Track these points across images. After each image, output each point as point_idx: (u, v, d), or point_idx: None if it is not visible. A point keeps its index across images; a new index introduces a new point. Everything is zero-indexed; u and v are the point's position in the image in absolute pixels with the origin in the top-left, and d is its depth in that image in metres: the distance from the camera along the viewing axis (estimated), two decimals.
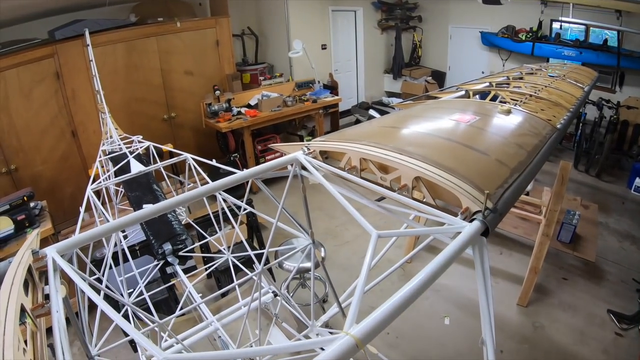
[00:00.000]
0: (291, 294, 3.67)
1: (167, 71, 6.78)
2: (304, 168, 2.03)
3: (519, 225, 4.91)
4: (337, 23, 9.32)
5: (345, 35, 9.71)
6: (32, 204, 4.41)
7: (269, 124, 6.89)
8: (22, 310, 1.09)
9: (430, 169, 1.63)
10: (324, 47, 8.97)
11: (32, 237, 1.55)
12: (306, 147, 2.11)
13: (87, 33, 5.18)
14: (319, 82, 7.75)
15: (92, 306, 1.40)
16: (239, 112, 6.68)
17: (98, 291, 3.32)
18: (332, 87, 8.06)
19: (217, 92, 6.75)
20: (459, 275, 4.46)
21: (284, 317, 3.03)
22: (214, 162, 2.82)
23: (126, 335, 2.45)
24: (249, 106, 6.93)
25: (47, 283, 1.35)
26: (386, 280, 3.02)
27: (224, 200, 2.56)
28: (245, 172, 1.99)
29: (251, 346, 2.66)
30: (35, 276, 1.33)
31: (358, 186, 1.89)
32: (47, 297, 1.26)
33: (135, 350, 3.51)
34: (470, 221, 1.43)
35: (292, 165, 2.06)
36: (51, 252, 1.39)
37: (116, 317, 1.10)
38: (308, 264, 3.35)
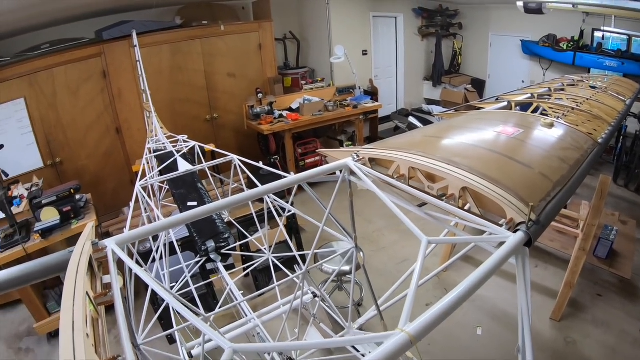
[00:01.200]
0: (328, 296, 3.70)
1: (211, 73, 6.91)
2: (352, 174, 2.07)
3: (555, 238, 4.82)
4: (377, 29, 9.32)
5: (385, 41, 9.69)
6: (77, 197, 4.56)
7: (310, 128, 6.92)
8: (87, 297, 1.13)
9: (478, 180, 1.67)
10: (364, 52, 8.98)
11: (89, 229, 1.60)
12: (356, 154, 2.13)
13: (134, 34, 5.29)
14: (359, 87, 7.75)
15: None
16: (281, 115, 6.73)
17: (144, 283, 3.42)
18: (373, 93, 8.05)
19: (260, 95, 6.82)
20: (494, 286, 4.41)
21: (321, 318, 3.06)
22: (260, 165, 2.87)
23: (168, 328, 2.54)
24: (290, 110, 6.98)
25: (105, 273, 1.40)
26: (421, 288, 3.03)
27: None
28: (297, 176, 2.04)
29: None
30: (94, 266, 1.37)
31: (401, 193, 1.92)
32: (105, 286, 1.30)
33: (171, 342, 3.60)
34: (514, 232, 1.47)
35: (341, 171, 2.11)
36: (111, 244, 1.44)
37: (178, 306, 1.14)
38: (347, 268, 3.38)
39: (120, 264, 1.44)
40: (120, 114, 6.45)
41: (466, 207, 1.74)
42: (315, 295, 2.96)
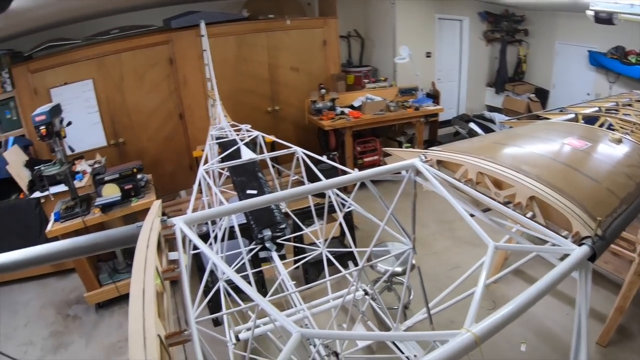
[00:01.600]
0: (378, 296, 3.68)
1: (274, 66, 6.97)
2: (418, 175, 2.07)
3: (609, 260, 4.61)
4: (442, 31, 9.16)
5: (450, 44, 9.51)
6: (139, 176, 4.70)
7: (370, 127, 6.88)
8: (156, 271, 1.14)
9: (546, 190, 1.65)
10: (428, 54, 8.85)
11: (156, 206, 1.62)
12: (423, 154, 2.12)
13: (202, 24, 5.38)
14: (421, 89, 7.65)
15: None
16: (342, 112, 6.71)
17: (202, 264, 3.47)
18: (434, 96, 7.92)
19: (323, 91, 6.81)
20: (542, 302, 4.24)
21: (368, 316, 3.04)
22: (324, 159, 2.87)
23: (215, 310, 2.57)
24: (352, 107, 6.94)
25: (171, 249, 1.41)
26: (470, 298, 2.98)
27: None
28: (361, 173, 2.03)
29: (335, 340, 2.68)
30: (161, 242, 1.39)
31: (463, 197, 1.90)
32: (171, 262, 1.32)
33: (215, 325, 3.67)
34: (579, 245, 1.45)
35: (406, 170, 2.09)
36: (179, 222, 1.46)
37: (244, 286, 1.14)
38: (399, 269, 3.34)
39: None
40: (184, 100, 6.63)
41: (528, 215, 1.72)
42: (366, 293, 2.94)
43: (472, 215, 1.82)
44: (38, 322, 4.80)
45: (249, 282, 2.69)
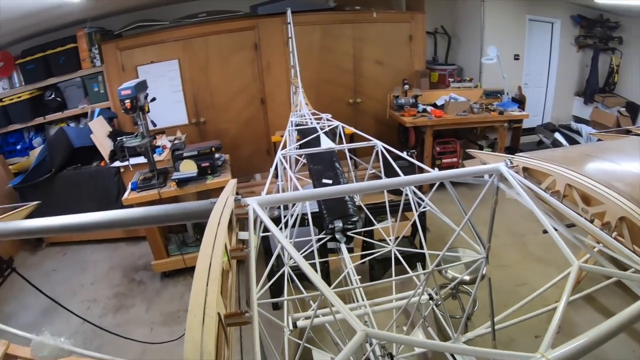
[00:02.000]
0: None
1: (359, 58, 6.90)
2: (502, 180, 1.93)
3: None
4: (532, 33, 8.70)
5: (539, 47, 9.03)
6: (217, 156, 4.84)
7: (451, 128, 6.70)
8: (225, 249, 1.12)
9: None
10: (516, 57, 8.48)
11: (231, 186, 1.60)
12: (510, 159, 1.98)
13: (289, 12, 5.39)
14: (507, 93, 7.36)
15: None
16: (424, 110, 6.56)
17: (269, 246, 3.48)
18: (520, 101, 7.59)
19: (406, 87, 6.68)
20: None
21: (429, 322, 2.94)
22: (404, 155, 2.78)
23: (277, 295, 2.55)
24: (434, 106, 6.77)
25: (241, 229, 1.38)
26: (535, 318, 2.87)
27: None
28: (442, 172, 1.94)
29: None
30: (233, 221, 1.38)
31: (546, 209, 1.76)
32: (241, 241, 1.29)
33: (274, 309, 3.67)
34: None
35: (490, 175, 1.96)
36: (253, 202, 1.44)
37: (310, 273, 1.08)
38: (468, 277, 3.22)
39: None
40: (266, 85, 6.72)
41: (613, 236, 1.55)
42: (431, 298, 2.84)
43: (556, 230, 1.69)
44: (104, 282, 5.10)
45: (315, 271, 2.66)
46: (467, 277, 3.22)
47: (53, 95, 6.50)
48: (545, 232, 1.73)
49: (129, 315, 4.48)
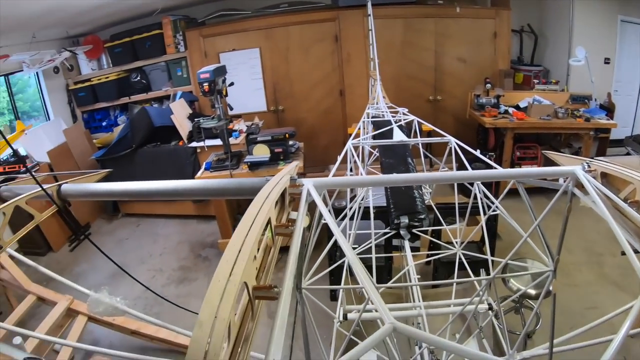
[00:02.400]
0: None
1: (440, 54, 6.73)
2: (577, 186, 1.73)
3: None
4: (624, 36, 8.06)
5: (632, 52, 8.37)
6: (290, 142, 4.92)
7: (534, 132, 6.40)
8: (268, 223, 1.10)
9: None
10: (606, 61, 7.95)
11: (292, 166, 1.59)
12: (587, 163, 1.77)
13: (369, 4, 5.33)
14: (595, 99, 6.96)
15: None
16: (506, 111, 6.27)
17: (328, 235, 3.46)
18: (609, 109, 7.12)
19: (488, 86, 6.44)
20: None
21: (485, 334, 2.80)
22: (477, 153, 2.67)
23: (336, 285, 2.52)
24: (517, 107, 6.47)
25: (294, 209, 1.36)
26: (600, 346, 2.64)
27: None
28: (512, 170, 1.84)
29: None
30: (286, 200, 1.38)
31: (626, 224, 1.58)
32: (290, 221, 1.26)
33: (332, 299, 3.60)
34: None
35: (565, 179, 1.77)
36: (308, 183, 1.42)
37: (355, 265, 1.04)
38: (533, 291, 3.08)
39: (313, 209, 1.41)
40: (346, 77, 6.71)
41: None
42: (490, 308, 2.69)
43: (635, 252, 1.50)
44: (172, 254, 5.35)
45: (370, 266, 2.61)
46: (531, 291, 3.07)
47: (138, 77, 6.89)
48: (623, 253, 1.56)
49: (191, 288, 4.65)
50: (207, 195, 1.55)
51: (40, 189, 1.57)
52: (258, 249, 0.96)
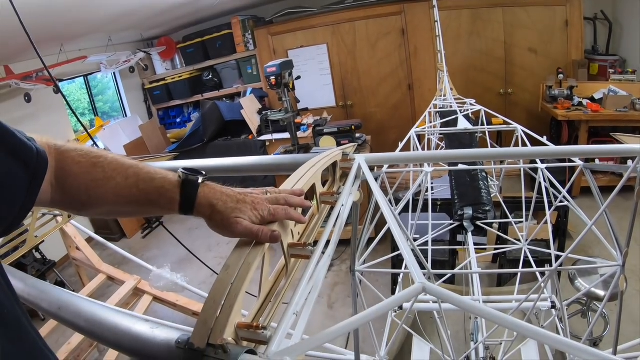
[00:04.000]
0: (567, 317, 3.18)
1: (510, 45, 6.50)
2: None
3: None
4: None
5: None
6: (357, 135, 4.97)
7: (609, 125, 5.98)
8: (314, 192, 1.13)
9: None
10: None
11: (349, 146, 1.59)
12: None
13: None
14: None
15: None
16: (580, 104, 5.98)
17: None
18: None
19: (560, 77, 6.17)
20: None
21: None
22: (544, 140, 2.57)
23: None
24: (592, 99, 6.17)
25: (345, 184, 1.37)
26: None
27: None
28: (571, 147, 1.73)
29: (500, 344, 2.36)
30: (337, 174, 1.37)
31: None
32: (340, 193, 1.27)
33: (395, 283, 3.62)
34: None
35: (632, 160, 1.57)
36: (361, 158, 1.42)
37: (402, 243, 1.04)
38: (601, 292, 2.88)
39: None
40: (414, 71, 6.64)
41: None
42: (553, 306, 2.54)
43: None
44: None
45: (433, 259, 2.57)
46: (599, 292, 2.84)
47: (210, 76, 7.16)
48: None
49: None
50: (264, 170, 1.62)
51: None
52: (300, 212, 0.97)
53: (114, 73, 6.73)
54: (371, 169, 1.46)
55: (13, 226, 0.79)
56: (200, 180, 0.89)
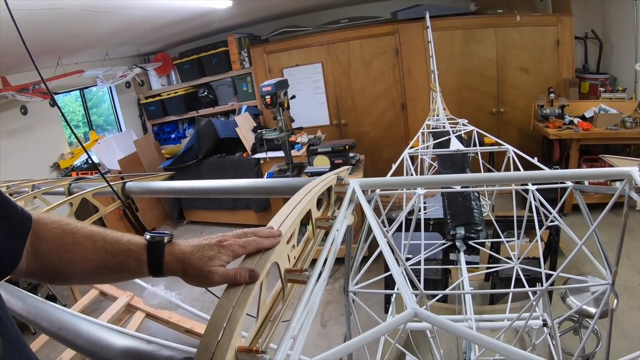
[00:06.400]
0: (559, 334, 3.21)
1: (502, 64, 6.59)
2: (636, 190, 1.65)
3: None
4: None
5: None
6: (351, 154, 5.02)
7: (601, 143, 6.10)
8: (309, 217, 1.14)
9: None
10: None
11: (343, 169, 1.62)
12: None
13: (427, 16, 5.35)
14: None
15: None
16: (571, 122, 6.07)
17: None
18: None
19: (552, 95, 6.25)
20: None
21: (538, 353, 2.66)
22: (535, 161, 2.61)
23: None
24: (583, 118, 6.25)
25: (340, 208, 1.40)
26: None
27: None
28: (562, 171, 1.79)
29: None
30: (331, 198, 1.39)
31: None
32: (334, 218, 1.30)
33: (388, 302, 3.55)
34: None
35: (621, 181, 1.62)
36: (355, 183, 1.44)
37: (393, 266, 1.07)
38: (592, 310, 2.91)
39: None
40: (407, 91, 6.71)
41: None
42: (545, 324, 2.57)
43: None
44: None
45: (425, 278, 2.59)
46: (590, 309, 2.90)
47: (206, 92, 7.23)
48: None
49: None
50: (258, 193, 1.64)
51: (106, 184, 1.70)
52: (296, 238, 1.01)
53: (110, 87, 6.77)
54: (365, 191, 1.49)
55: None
56: (166, 240, 0.92)
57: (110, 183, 1.72)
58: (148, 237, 0.92)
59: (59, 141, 5.99)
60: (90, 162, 5.91)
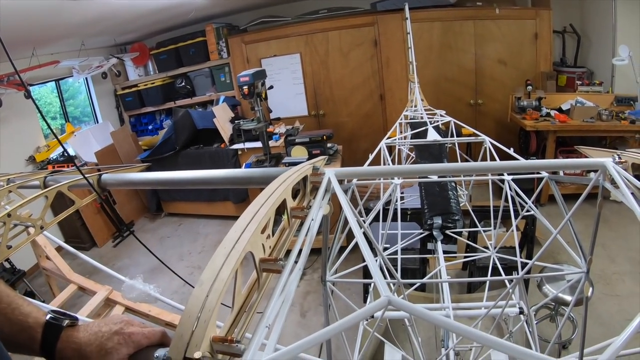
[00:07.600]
0: (535, 321, 3.28)
1: (480, 56, 6.63)
2: (611, 181, 1.67)
3: None
4: None
5: None
6: (329, 145, 5.03)
7: (577, 135, 6.20)
8: (284, 206, 1.14)
9: None
10: None
11: (320, 159, 1.61)
12: (618, 155, 1.67)
13: (406, 7, 5.36)
14: None
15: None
16: (548, 114, 6.16)
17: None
18: None
19: (529, 88, 6.32)
20: None
21: (516, 340, 2.71)
22: (511, 151, 2.64)
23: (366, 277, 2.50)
24: (560, 110, 6.34)
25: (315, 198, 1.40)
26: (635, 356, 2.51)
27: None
28: (538, 161, 1.80)
29: (470, 350, 2.42)
30: (307, 188, 1.40)
31: None
32: (310, 207, 1.30)
33: (367, 291, 3.56)
34: None
35: (595, 172, 1.63)
36: (330, 172, 1.44)
37: (368, 256, 1.07)
38: (568, 297, 2.99)
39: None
40: (385, 81, 6.73)
41: None
42: (521, 312, 2.60)
43: None
44: (211, 253, 5.48)
45: (404, 268, 2.60)
46: (566, 297, 2.96)
47: (183, 83, 7.15)
48: None
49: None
50: (234, 183, 1.63)
51: (81, 177, 1.68)
52: (271, 228, 1.00)
53: (86, 78, 6.66)
54: (341, 181, 1.49)
55: None
56: (64, 324, 0.86)
57: (86, 175, 1.70)
58: (49, 317, 0.86)
59: (34, 134, 5.90)
60: (66, 154, 5.85)
